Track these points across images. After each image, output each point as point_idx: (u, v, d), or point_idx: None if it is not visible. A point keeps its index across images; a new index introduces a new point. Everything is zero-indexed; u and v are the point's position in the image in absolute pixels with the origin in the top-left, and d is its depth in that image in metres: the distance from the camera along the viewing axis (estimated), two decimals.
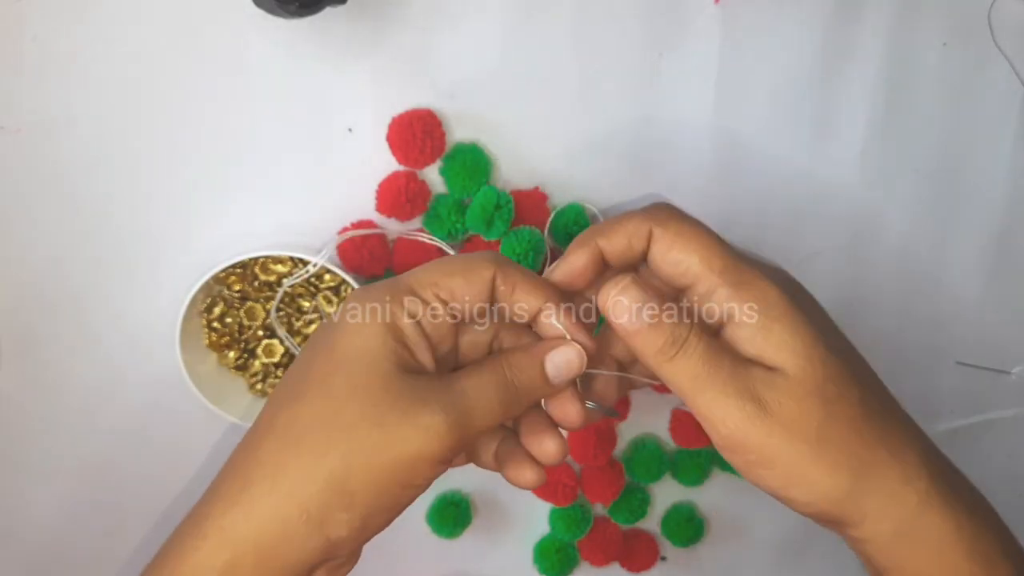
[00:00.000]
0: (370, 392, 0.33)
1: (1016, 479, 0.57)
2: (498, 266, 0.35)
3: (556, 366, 0.36)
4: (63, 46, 0.40)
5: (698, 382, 0.34)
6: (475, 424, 0.34)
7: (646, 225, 0.36)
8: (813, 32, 0.46)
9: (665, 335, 0.35)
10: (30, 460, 0.46)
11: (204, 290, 0.43)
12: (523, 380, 0.35)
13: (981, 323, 0.54)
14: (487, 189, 0.44)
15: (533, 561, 0.54)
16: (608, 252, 0.37)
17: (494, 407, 0.34)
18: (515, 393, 0.35)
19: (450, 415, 0.33)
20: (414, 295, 0.35)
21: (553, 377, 0.36)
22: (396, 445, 0.32)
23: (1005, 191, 0.51)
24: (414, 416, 0.32)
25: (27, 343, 0.44)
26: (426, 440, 0.32)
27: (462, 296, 0.35)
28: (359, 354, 0.33)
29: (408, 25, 0.42)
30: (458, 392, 0.34)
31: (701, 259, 0.35)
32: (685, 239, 0.36)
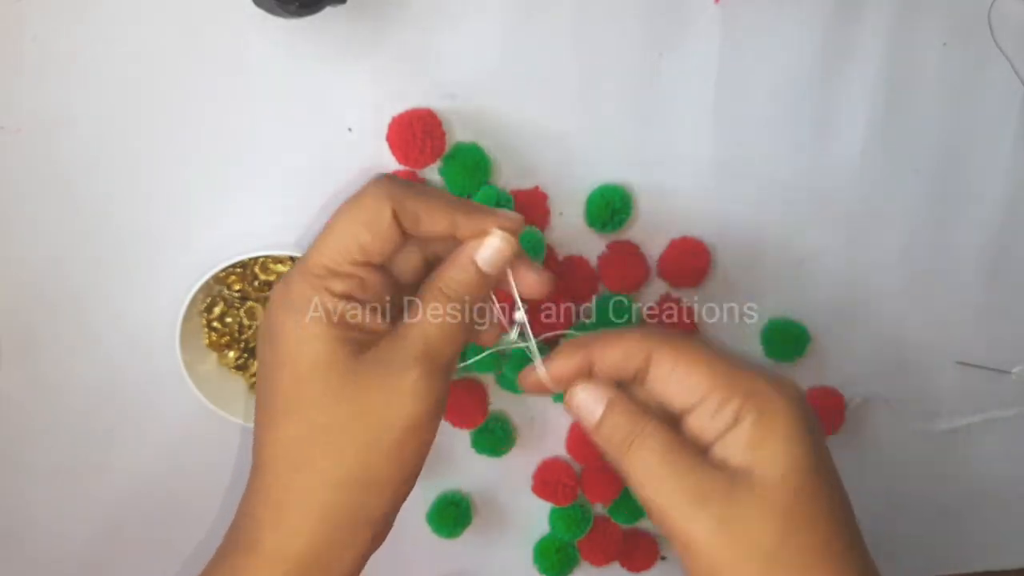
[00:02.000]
0: (345, 387, 0.34)
1: (1016, 479, 0.58)
2: (393, 202, 0.34)
3: (487, 259, 0.36)
4: (63, 46, 0.40)
5: (653, 480, 0.34)
6: (446, 358, 0.35)
7: (644, 345, 0.35)
8: (813, 32, 0.46)
9: (620, 426, 0.35)
10: (30, 460, 0.46)
11: (204, 290, 0.43)
12: (464, 290, 0.36)
13: (981, 323, 0.54)
14: (487, 189, 0.44)
15: (533, 561, 0.54)
16: (599, 365, 0.36)
17: (454, 332, 0.35)
18: (463, 306, 0.36)
19: (424, 366, 0.34)
20: (335, 274, 0.35)
21: (488, 269, 0.36)
22: (393, 422, 0.34)
23: (1005, 191, 0.51)
24: (395, 388, 0.34)
25: (27, 343, 0.44)
26: (415, 401, 0.34)
27: (374, 248, 0.35)
28: (314, 358, 0.34)
29: (408, 25, 0.42)
30: (419, 339, 0.34)
31: (708, 375, 0.34)
32: (688, 358, 0.35)
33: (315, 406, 0.34)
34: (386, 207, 0.34)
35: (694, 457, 0.34)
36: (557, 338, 0.46)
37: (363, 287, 0.35)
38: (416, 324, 0.35)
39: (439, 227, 0.35)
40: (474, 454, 0.50)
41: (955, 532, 0.58)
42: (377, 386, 0.34)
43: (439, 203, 0.35)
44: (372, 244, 0.34)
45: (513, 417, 0.51)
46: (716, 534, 0.33)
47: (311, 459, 0.34)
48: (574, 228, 0.48)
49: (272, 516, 0.34)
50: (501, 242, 0.36)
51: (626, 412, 0.35)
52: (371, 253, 0.35)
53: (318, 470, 0.34)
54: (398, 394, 0.34)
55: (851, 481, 0.56)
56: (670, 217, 0.48)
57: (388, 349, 0.34)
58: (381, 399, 0.34)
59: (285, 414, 0.34)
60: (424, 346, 0.34)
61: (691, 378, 0.34)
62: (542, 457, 0.52)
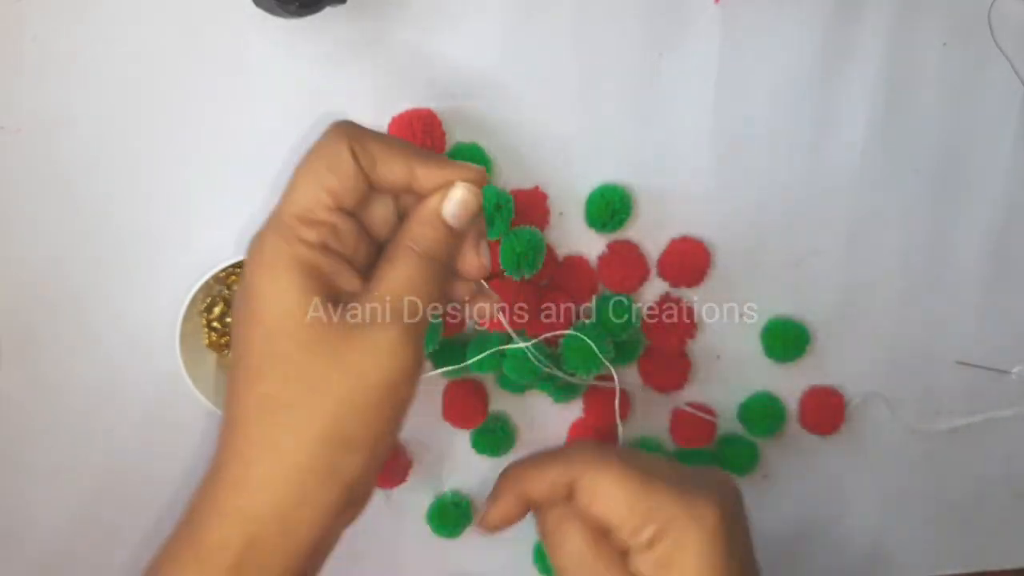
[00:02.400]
0: (321, 342, 0.33)
1: (1015, 479, 0.58)
2: (351, 140, 0.34)
3: (453, 213, 0.35)
4: (63, 46, 0.40)
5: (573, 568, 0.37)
6: (421, 312, 0.34)
7: (567, 475, 0.37)
8: (813, 32, 0.46)
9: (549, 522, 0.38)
10: (30, 460, 0.46)
11: (204, 290, 0.43)
12: (432, 246, 0.35)
13: (981, 323, 0.54)
14: (487, 188, 0.44)
15: (533, 561, 0.54)
16: (533, 496, 0.38)
17: (431, 289, 0.35)
18: (433, 262, 0.35)
19: (399, 324, 0.33)
20: (306, 221, 0.33)
21: (455, 223, 0.35)
22: (367, 379, 0.33)
23: (1005, 191, 0.51)
24: (371, 346, 0.33)
25: (27, 343, 0.44)
26: (392, 359, 0.33)
27: (341, 191, 0.34)
28: (289, 313, 0.33)
29: (408, 25, 0.42)
30: (393, 297, 0.34)
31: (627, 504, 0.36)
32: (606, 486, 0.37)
33: (289, 361, 0.33)
34: (344, 147, 0.34)
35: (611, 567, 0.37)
36: (557, 338, 0.46)
37: (336, 235, 0.34)
38: (389, 280, 0.34)
39: (396, 174, 0.35)
40: (474, 454, 0.50)
41: (955, 532, 0.58)
42: (354, 344, 0.33)
43: (398, 149, 0.35)
44: (338, 185, 0.33)
45: (513, 417, 0.51)
46: None
47: (282, 415, 0.33)
48: (574, 228, 0.48)
49: (238, 473, 0.33)
50: (466, 193, 0.35)
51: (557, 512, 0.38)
52: (339, 195, 0.34)
53: (289, 426, 0.33)
54: (374, 352, 0.33)
55: (851, 481, 0.56)
56: (670, 217, 0.48)
57: (364, 305, 0.34)
58: (356, 357, 0.33)
59: (258, 370, 0.33)
60: (399, 303, 0.34)
61: (608, 506, 0.37)
62: None
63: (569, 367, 0.46)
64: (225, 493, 0.33)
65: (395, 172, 0.34)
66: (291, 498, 0.32)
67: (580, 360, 0.46)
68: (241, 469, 0.33)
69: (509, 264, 0.44)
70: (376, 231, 0.36)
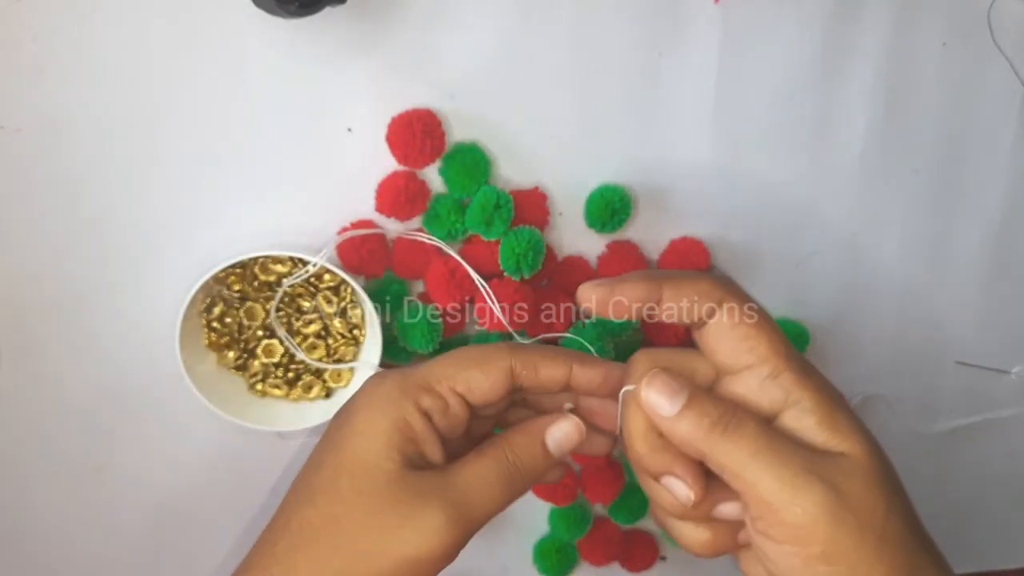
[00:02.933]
0: (373, 496, 0.34)
1: (1015, 478, 0.58)
2: (514, 353, 0.36)
3: (556, 441, 0.37)
4: (63, 46, 0.40)
5: (757, 461, 0.32)
6: (477, 515, 0.35)
7: (717, 293, 0.35)
8: (813, 32, 0.46)
9: (712, 414, 0.33)
10: (30, 459, 0.46)
11: (204, 290, 0.43)
12: (525, 460, 0.36)
13: (981, 323, 0.54)
14: (487, 189, 0.44)
15: (533, 561, 0.54)
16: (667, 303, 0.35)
17: (496, 494, 0.35)
18: (518, 475, 0.36)
19: (450, 512, 0.34)
20: (429, 390, 0.35)
21: (555, 451, 0.37)
22: (397, 549, 0.33)
23: (1005, 191, 0.51)
24: (415, 518, 0.33)
25: (27, 343, 0.44)
26: (426, 541, 0.33)
27: (480, 388, 0.36)
28: (364, 456, 0.34)
29: (408, 25, 0.42)
30: (460, 486, 0.35)
31: (770, 341, 0.34)
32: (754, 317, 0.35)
33: (340, 499, 0.34)
34: (505, 358, 0.36)
35: (787, 440, 0.33)
36: (556, 340, 0.46)
37: (446, 413, 0.36)
38: (466, 471, 0.35)
39: (558, 374, 0.36)
40: None
41: (955, 532, 0.58)
42: (403, 512, 0.33)
43: (559, 354, 0.37)
44: (478, 380, 0.36)
45: None
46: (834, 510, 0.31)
47: (312, 547, 0.34)
48: (574, 228, 0.48)
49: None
50: (572, 427, 0.37)
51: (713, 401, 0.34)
52: (474, 389, 0.36)
53: (311, 558, 0.34)
54: (414, 528, 0.33)
55: None
56: (670, 217, 0.48)
57: (431, 486, 0.34)
58: (396, 522, 0.33)
59: (314, 493, 0.35)
60: (466, 497, 0.34)
61: (751, 339, 0.34)
62: None
63: None
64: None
65: (556, 373, 0.36)
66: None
67: None
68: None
69: (509, 264, 0.44)
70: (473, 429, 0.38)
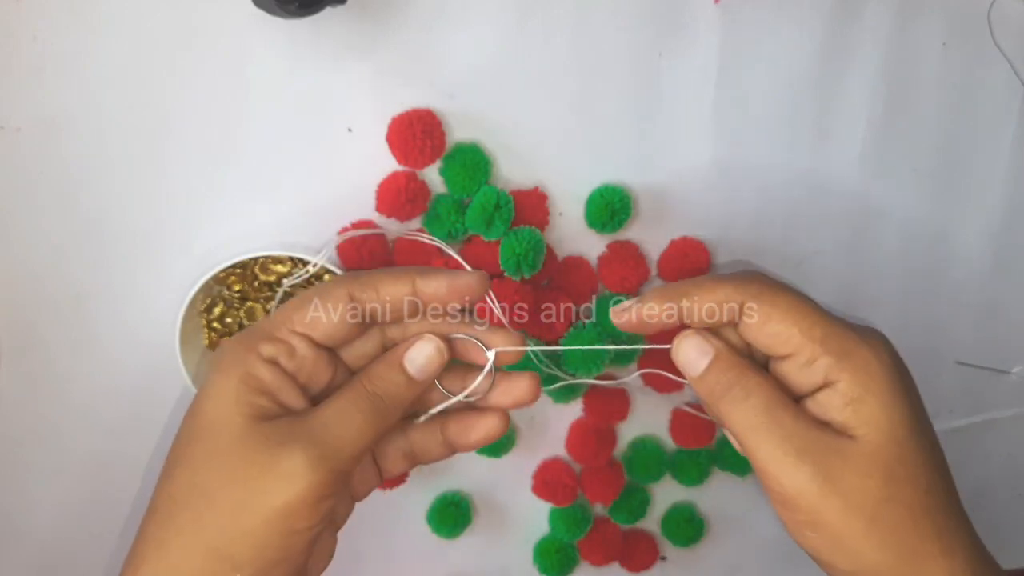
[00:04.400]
0: (227, 454, 0.32)
1: (1016, 478, 0.58)
2: (352, 281, 0.36)
3: (416, 364, 0.36)
4: (63, 46, 0.40)
5: (758, 432, 0.34)
6: (343, 451, 0.33)
7: (737, 297, 0.36)
8: (813, 32, 0.46)
9: (724, 380, 0.35)
10: (30, 459, 0.46)
11: (204, 290, 0.43)
12: (387, 388, 0.35)
13: (981, 323, 0.54)
14: (487, 189, 0.44)
15: (533, 561, 0.54)
16: (694, 309, 0.36)
17: (359, 426, 0.34)
18: (381, 404, 0.35)
19: (311, 452, 0.32)
20: (270, 338, 0.35)
21: (416, 375, 0.36)
22: (261, 501, 0.32)
23: (1005, 191, 0.51)
24: (273, 466, 0.32)
25: (27, 343, 0.44)
26: (290, 486, 0.32)
27: (320, 322, 0.35)
28: (213, 417, 0.33)
29: (408, 26, 0.42)
30: (320, 425, 0.33)
31: (801, 330, 0.35)
32: (782, 311, 0.35)
33: (196, 466, 0.33)
34: (341, 286, 0.35)
35: (796, 413, 0.34)
36: (557, 339, 0.46)
37: (293, 356, 0.35)
38: (325, 410, 0.34)
39: (400, 288, 0.36)
40: (474, 454, 0.50)
41: None
42: (261, 462, 0.32)
43: (399, 271, 0.36)
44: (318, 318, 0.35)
45: (513, 417, 0.51)
46: (821, 488, 0.33)
47: (178, 518, 0.33)
48: (574, 228, 0.48)
49: (130, 572, 0.34)
50: (432, 347, 0.36)
51: (731, 366, 0.36)
52: (317, 327, 0.35)
53: (181, 531, 0.33)
54: (272, 474, 0.32)
55: None
56: (670, 217, 0.48)
57: (286, 426, 0.33)
58: (255, 473, 0.32)
59: (174, 466, 0.34)
60: (328, 435, 0.33)
61: (782, 333, 0.35)
62: (542, 457, 0.52)
63: (569, 368, 0.46)
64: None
65: (398, 288, 0.36)
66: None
67: (580, 361, 0.46)
68: (132, 566, 0.34)
69: (509, 264, 0.44)
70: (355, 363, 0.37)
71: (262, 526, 0.32)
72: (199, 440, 0.33)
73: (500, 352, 0.38)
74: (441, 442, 0.40)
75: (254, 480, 0.32)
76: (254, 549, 0.32)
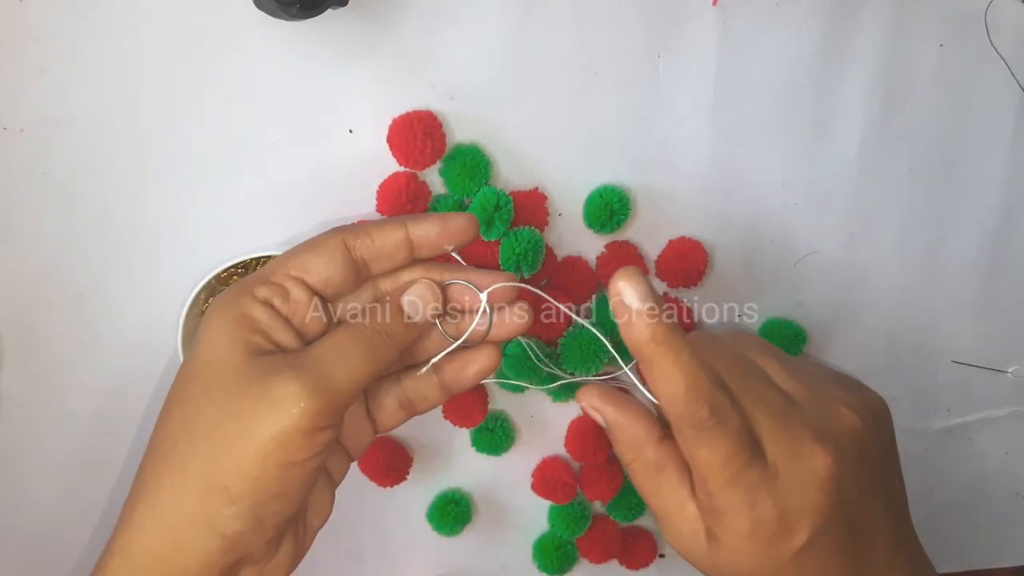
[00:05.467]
0: (222, 389, 0.33)
1: (1012, 478, 0.58)
2: (345, 231, 0.36)
3: (411, 303, 0.37)
4: (65, 47, 0.40)
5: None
6: (340, 381, 0.33)
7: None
8: (811, 33, 0.46)
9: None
10: (32, 459, 0.46)
11: (206, 290, 0.44)
12: (384, 326, 0.36)
13: (977, 322, 0.54)
14: (487, 190, 0.44)
15: (532, 558, 0.54)
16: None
17: (355, 359, 0.34)
18: (377, 338, 0.35)
19: (305, 380, 0.32)
20: (265, 282, 0.35)
21: (411, 311, 0.37)
22: (256, 429, 0.31)
23: (1002, 191, 0.52)
24: (266, 395, 0.32)
25: (28, 343, 0.44)
26: (283, 413, 0.31)
27: (315, 268, 0.36)
28: (208, 357, 0.34)
29: (409, 27, 0.43)
30: (315, 357, 0.33)
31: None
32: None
33: (192, 404, 0.33)
34: (337, 235, 0.36)
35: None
36: (557, 337, 0.46)
37: (287, 299, 0.35)
38: (322, 344, 0.34)
39: (393, 235, 0.37)
40: (474, 453, 0.51)
41: (951, 531, 0.58)
42: (255, 393, 0.32)
43: (392, 220, 0.37)
44: (312, 262, 0.36)
45: (513, 416, 0.51)
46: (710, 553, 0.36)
47: (172, 455, 0.33)
48: (573, 228, 0.48)
49: (126, 512, 0.34)
50: (427, 290, 0.37)
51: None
52: (310, 271, 0.35)
53: (173, 467, 0.33)
54: (268, 404, 0.32)
55: None
56: (668, 217, 0.48)
57: (281, 359, 0.33)
58: (248, 404, 0.32)
59: (170, 408, 0.34)
60: (322, 366, 0.33)
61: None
62: (542, 456, 0.52)
63: (568, 366, 0.46)
64: (117, 530, 0.34)
65: (392, 235, 0.37)
66: (166, 542, 0.32)
67: (580, 360, 0.46)
68: (129, 507, 0.33)
69: (509, 264, 0.44)
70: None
71: (257, 457, 0.31)
72: (194, 378, 0.33)
73: (493, 290, 0.39)
74: (437, 385, 0.40)
75: (248, 411, 0.32)
76: (249, 481, 0.31)
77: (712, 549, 0.35)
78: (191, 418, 0.33)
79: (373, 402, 0.40)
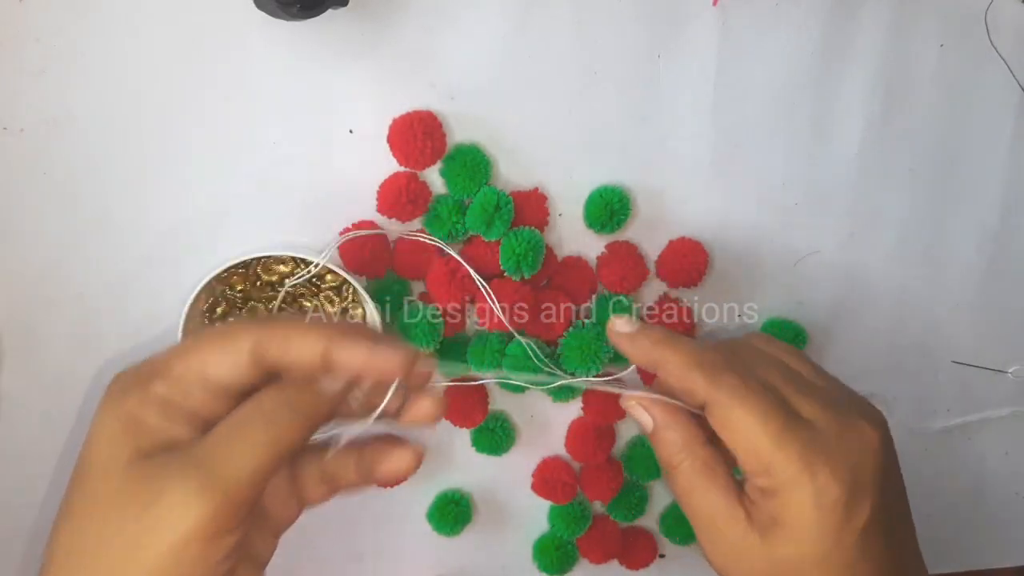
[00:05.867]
0: (107, 499, 0.29)
1: (1012, 478, 0.58)
2: (262, 328, 0.31)
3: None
4: (66, 47, 0.40)
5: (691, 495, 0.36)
6: (237, 473, 0.29)
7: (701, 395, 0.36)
8: (811, 33, 0.47)
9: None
10: (32, 460, 0.46)
11: (206, 290, 0.44)
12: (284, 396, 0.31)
13: (977, 322, 0.54)
14: (487, 190, 0.44)
15: (533, 558, 0.54)
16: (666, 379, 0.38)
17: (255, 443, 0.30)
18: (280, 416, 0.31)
19: (199, 477, 0.29)
20: (164, 375, 0.31)
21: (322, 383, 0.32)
22: (149, 539, 0.28)
23: (1001, 191, 0.52)
24: (157, 500, 0.28)
25: (29, 343, 0.44)
26: (178, 517, 0.28)
27: (217, 368, 0.31)
28: (93, 462, 0.30)
29: (409, 27, 0.43)
30: (208, 447, 0.30)
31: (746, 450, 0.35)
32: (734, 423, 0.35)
33: (77, 517, 0.30)
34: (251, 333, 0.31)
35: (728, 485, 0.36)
36: (557, 338, 0.46)
37: (187, 396, 0.31)
38: (215, 431, 0.30)
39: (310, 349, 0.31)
40: (474, 453, 0.51)
41: (951, 531, 0.58)
42: (142, 498, 0.29)
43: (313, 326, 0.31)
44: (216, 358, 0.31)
45: (513, 416, 0.51)
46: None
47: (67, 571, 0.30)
48: (573, 228, 0.48)
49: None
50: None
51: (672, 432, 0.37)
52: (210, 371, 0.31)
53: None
54: (160, 509, 0.28)
55: None
56: (668, 217, 0.49)
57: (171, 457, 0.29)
58: (138, 512, 0.28)
59: (61, 519, 0.31)
60: (206, 457, 0.29)
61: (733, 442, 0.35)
62: (542, 456, 0.52)
63: (568, 367, 0.46)
64: None
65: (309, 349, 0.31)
66: None
67: (580, 360, 0.46)
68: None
69: (509, 264, 0.44)
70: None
71: (156, 567, 0.28)
72: (79, 487, 0.31)
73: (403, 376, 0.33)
74: (355, 470, 0.35)
75: (139, 518, 0.28)
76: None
77: (769, 543, 0.34)
78: (77, 536, 0.30)
79: (294, 476, 0.35)
